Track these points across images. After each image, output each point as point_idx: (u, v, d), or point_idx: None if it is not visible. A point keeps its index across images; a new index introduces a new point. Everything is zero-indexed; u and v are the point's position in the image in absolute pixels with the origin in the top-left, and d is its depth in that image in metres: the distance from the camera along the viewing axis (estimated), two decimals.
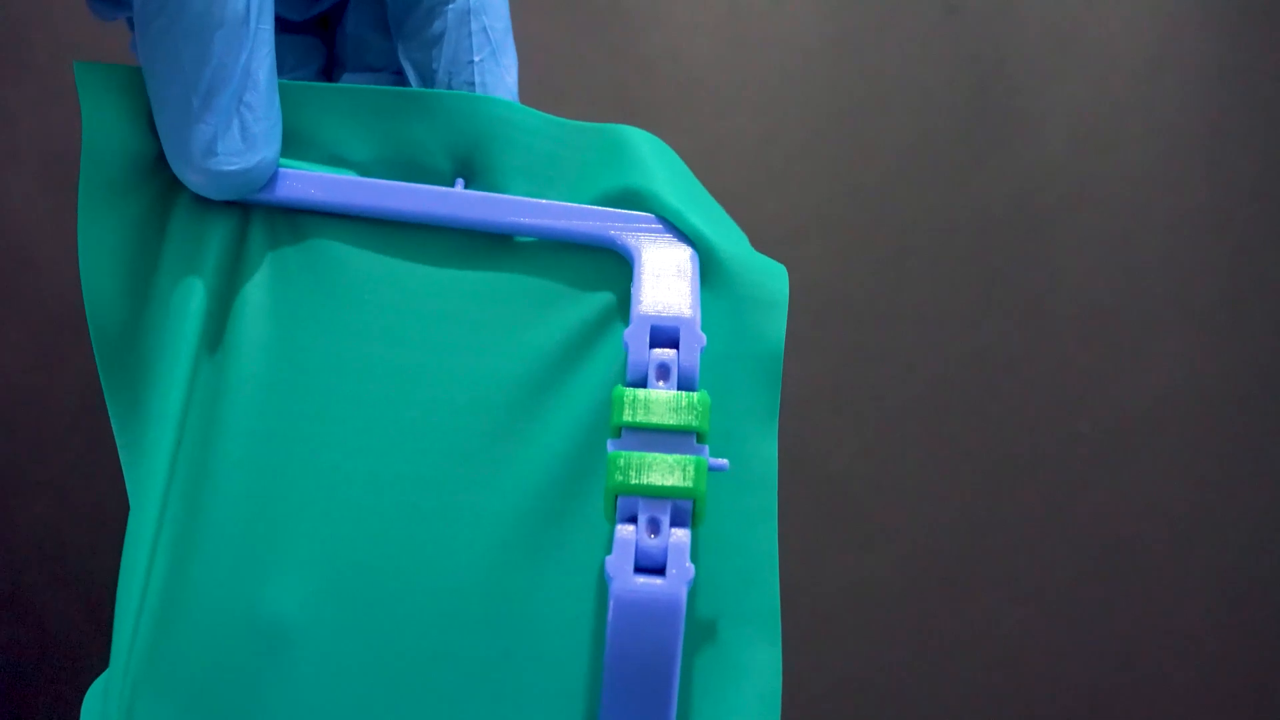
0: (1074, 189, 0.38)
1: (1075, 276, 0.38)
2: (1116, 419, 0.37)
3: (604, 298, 0.25)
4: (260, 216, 0.25)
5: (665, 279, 0.24)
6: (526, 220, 0.25)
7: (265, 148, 0.23)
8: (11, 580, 0.34)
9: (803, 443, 0.36)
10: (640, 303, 0.23)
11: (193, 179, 0.23)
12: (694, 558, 0.23)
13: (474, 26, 0.26)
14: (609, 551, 0.22)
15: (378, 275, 0.25)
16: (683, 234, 0.25)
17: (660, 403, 0.22)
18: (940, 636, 0.36)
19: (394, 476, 0.24)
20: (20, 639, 0.33)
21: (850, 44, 0.39)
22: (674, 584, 0.21)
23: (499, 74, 0.27)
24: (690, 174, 0.27)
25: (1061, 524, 0.37)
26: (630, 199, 0.25)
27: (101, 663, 0.33)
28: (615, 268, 0.25)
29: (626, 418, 0.22)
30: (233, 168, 0.23)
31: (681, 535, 0.21)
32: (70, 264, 0.35)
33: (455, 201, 0.25)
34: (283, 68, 0.28)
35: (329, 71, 0.29)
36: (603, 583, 0.23)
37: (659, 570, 0.21)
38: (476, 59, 0.26)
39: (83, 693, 0.33)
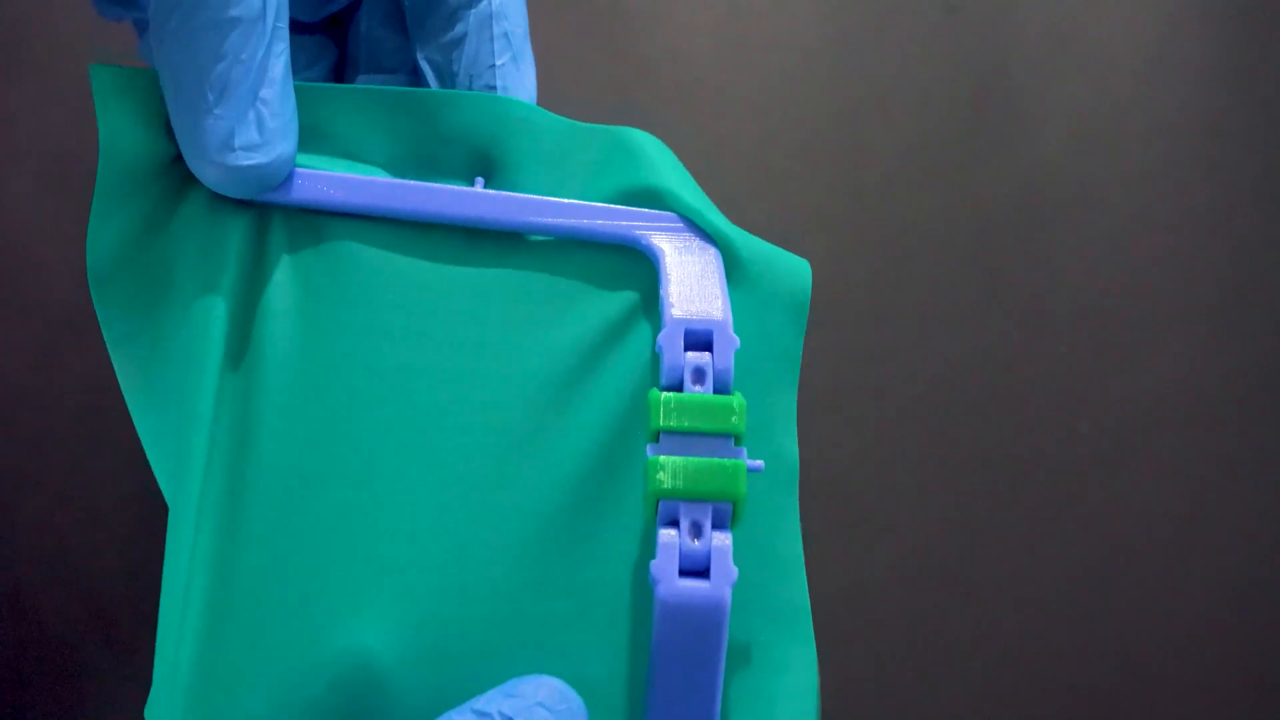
0: (1074, 189, 0.38)
1: (1075, 276, 0.38)
2: (1116, 419, 0.37)
3: (627, 296, 0.25)
4: (279, 218, 0.25)
5: (694, 280, 0.24)
6: (550, 220, 0.25)
7: (282, 142, 0.23)
8: (11, 580, 0.34)
9: (803, 443, 0.36)
10: (672, 306, 0.23)
11: (210, 175, 0.23)
12: None
13: (495, 31, 0.26)
14: (645, 547, 0.23)
15: (399, 276, 0.25)
16: (705, 233, 0.25)
17: (698, 407, 0.22)
18: (940, 636, 0.36)
19: (424, 478, 0.24)
20: (20, 639, 0.33)
21: (850, 44, 0.39)
22: (718, 586, 0.21)
23: (519, 78, 0.27)
24: (689, 175, 0.27)
25: (1061, 524, 0.37)
26: (648, 197, 0.25)
27: (100, 662, 0.33)
28: (635, 265, 0.25)
29: (665, 422, 0.22)
30: (250, 162, 0.23)
31: (723, 538, 0.22)
32: (70, 264, 0.35)
33: (477, 201, 0.25)
34: (295, 68, 0.28)
35: (340, 71, 0.29)
36: (637, 574, 0.23)
37: (702, 572, 0.22)
38: (498, 63, 0.26)
39: (83, 693, 0.33)
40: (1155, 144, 0.39)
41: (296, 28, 0.28)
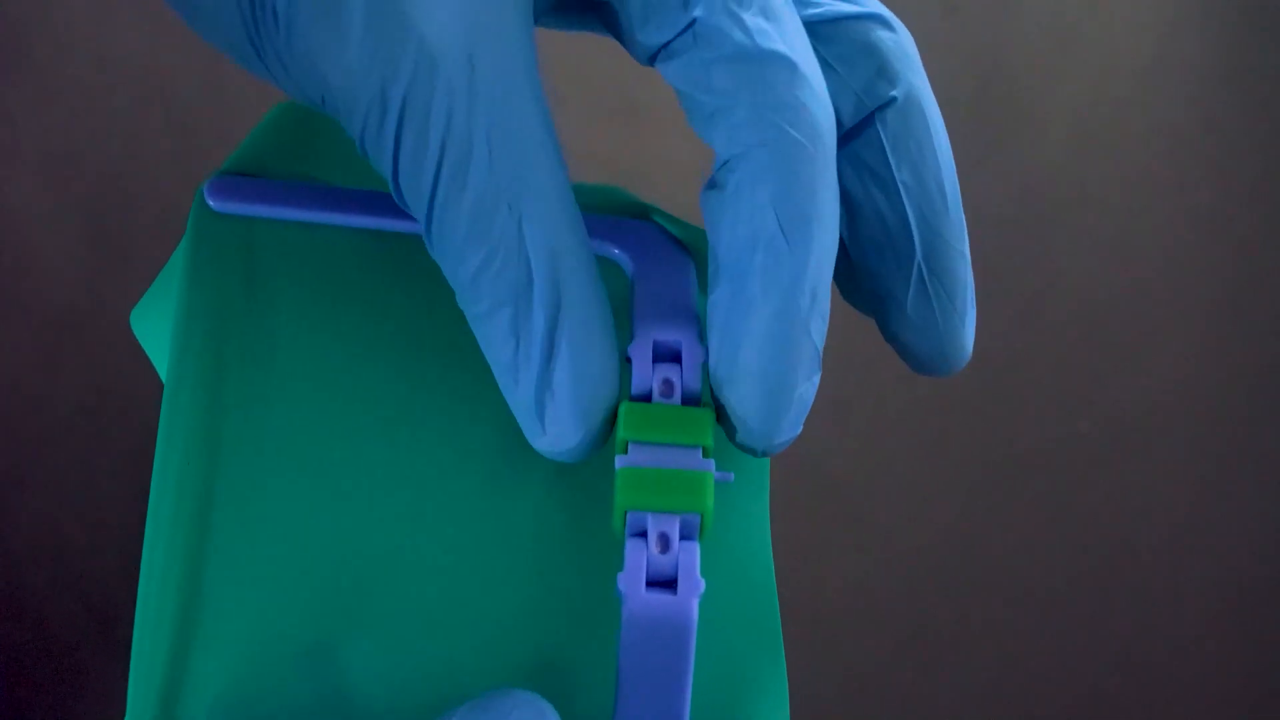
0: (1074, 189, 0.38)
1: (1075, 276, 0.38)
2: (1116, 419, 0.37)
3: None
4: (252, 232, 0.25)
5: (665, 289, 0.24)
6: None
7: (571, 429, 0.20)
8: (11, 580, 0.34)
9: (803, 443, 0.36)
10: (641, 316, 0.23)
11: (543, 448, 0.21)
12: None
13: None
14: (618, 560, 0.22)
15: (372, 288, 0.25)
16: (678, 240, 0.25)
17: (666, 418, 0.22)
18: (939, 637, 0.36)
19: (405, 491, 0.24)
20: (20, 639, 0.33)
21: None
22: (685, 598, 0.21)
23: None
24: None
25: (1061, 524, 0.37)
26: (624, 206, 0.25)
27: (100, 662, 0.33)
28: (612, 276, 0.25)
29: (632, 433, 0.22)
30: (547, 449, 0.21)
31: (691, 549, 0.21)
32: (70, 264, 0.35)
33: None
34: None
35: None
36: (613, 586, 0.23)
37: (669, 584, 0.21)
38: None
39: (83, 693, 0.33)
40: (1155, 144, 0.39)
41: None
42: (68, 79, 0.36)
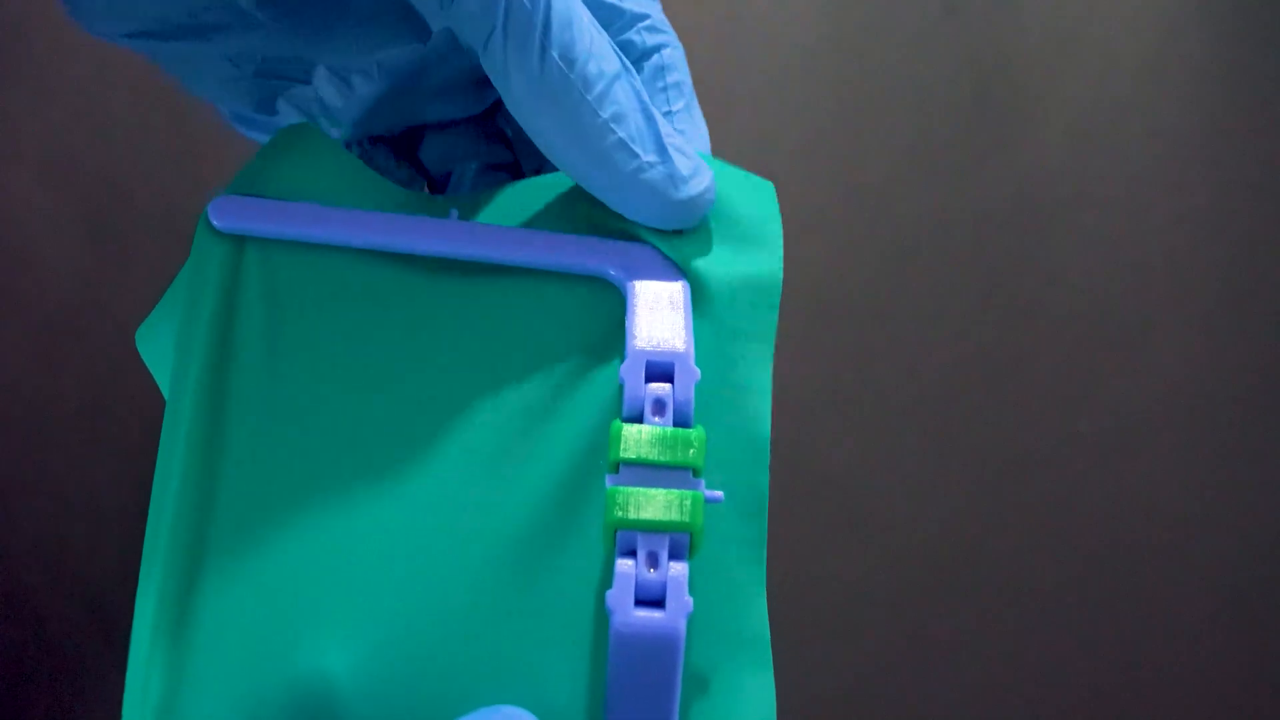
0: (1074, 189, 0.38)
1: (1075, 276, 0.38)
2: (1116, 419, 0.37)
3: (596, 326, 0.25)
4: (254, 250, 0.25)
5: (658, 311, 0.24)
6: (520, 252, 0.25)
7: (703, 165, 0.24)
8: (11, 580, 0.34)
9: (803, 443, 0.36)
10: (635, 337, 0.24)
11: (664, 213, 0.24)
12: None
13: (668, 81, 0.27)
14: (607, 575, 0.23)
15: (369, 305, 0.25)
16: (673, 262, 0.25)
17: (657, 439, 0.22)
18: (939, 636, 0.36)
19: (391, 501, 0.24)
20: (20, 639, 0.33)
21: (850, 44, 0.39)
22: (673, 617, 0.21)
23: (694, 126, 0.28)
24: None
25: (1061, 524, 0.37)
26: (617, 227, 0.25)
27: (100, 662, 0.33)
28: (605, 295, 0.25)
29: (624, 454, 0.22)
30: (701, 189, 0.24)
31: (680, 569, 0.22)
32: (70, 264, 0.35)
33: (449, 233, 0.25)
34: (454, 158, 0.29)
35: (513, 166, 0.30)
36: (598, 604, 0.23)
37: (658, 603, 0.22)
38: (674, 109, 0.27)
39: (83, 693, 0.33)
40: (1155, 144, 0.39)
41: (453, 121, 0.29)
42: (68, 79, 0.36)
